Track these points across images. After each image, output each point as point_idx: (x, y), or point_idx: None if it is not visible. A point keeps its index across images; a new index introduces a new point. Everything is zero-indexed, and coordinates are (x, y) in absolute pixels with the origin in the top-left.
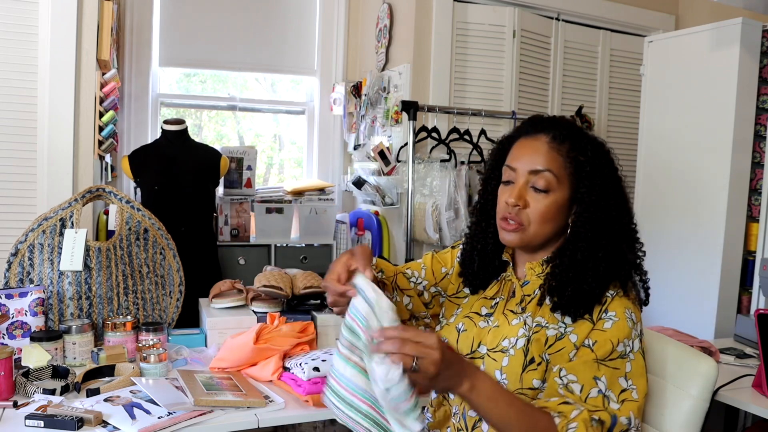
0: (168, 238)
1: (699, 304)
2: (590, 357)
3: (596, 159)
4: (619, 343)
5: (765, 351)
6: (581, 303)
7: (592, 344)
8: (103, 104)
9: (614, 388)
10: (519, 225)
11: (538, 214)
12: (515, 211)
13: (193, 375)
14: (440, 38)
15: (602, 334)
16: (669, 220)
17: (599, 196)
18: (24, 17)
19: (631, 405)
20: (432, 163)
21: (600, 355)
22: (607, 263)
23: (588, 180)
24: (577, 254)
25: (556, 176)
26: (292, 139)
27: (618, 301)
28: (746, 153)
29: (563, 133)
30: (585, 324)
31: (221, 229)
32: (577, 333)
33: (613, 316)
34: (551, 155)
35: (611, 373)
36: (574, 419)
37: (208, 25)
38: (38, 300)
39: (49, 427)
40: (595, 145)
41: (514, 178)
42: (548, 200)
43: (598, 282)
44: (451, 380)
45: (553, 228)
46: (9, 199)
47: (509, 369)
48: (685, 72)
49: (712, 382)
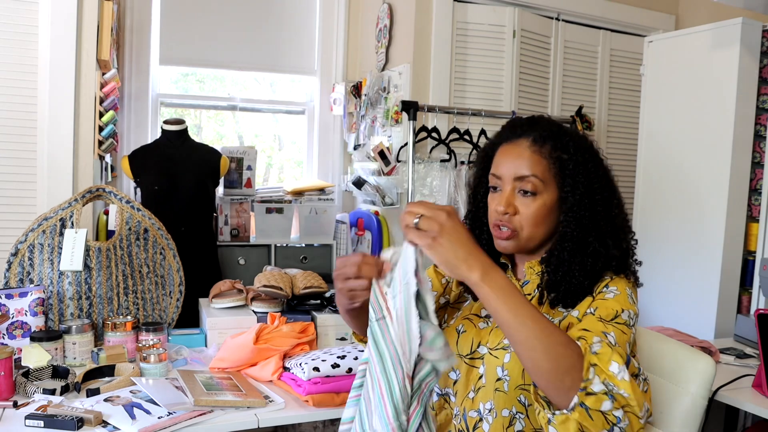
0: (168, 238)
1: (699, 304)
2: (594, 318)
3: (578, 155)
4: (624, 311)
5: (765, 351)
6: (576, 296)
7: (594, 310)
8: (103, 104)
9: (621, 343)
10: (512, 232)
11: (528, 218)
12: (506, 218)
13: (193, 375)
14: (440, 38)
15: (603, 302)
16: (669, 220)
17: (583, 194)
18: (24, 17)
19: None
20: (432, 163)
21: (604, 316)
22: (594, 258)
23: (571, 179)
24: (564, 253)
25: (541, 180)
26: (292, 139)
27: (618, 280)
28: (746, 153)
29: (543, 135)
30: (585, 301)
31: (221, 229)
32: (578, 309)
33: (615, 290)
34: (534, 159)
35: (619, 333)
36: (596, 342)
37: (208, 25)
38: (38, 300)
39: (49, 427)
40: (577, 141)
41: (500, 186)
42: (537, 203)
43: (585, 276)
44: (460, 256)
45: (546, 229)
46: (9, 199)
47: (511, 365)
48: (685, 72)
49: (710, 379)
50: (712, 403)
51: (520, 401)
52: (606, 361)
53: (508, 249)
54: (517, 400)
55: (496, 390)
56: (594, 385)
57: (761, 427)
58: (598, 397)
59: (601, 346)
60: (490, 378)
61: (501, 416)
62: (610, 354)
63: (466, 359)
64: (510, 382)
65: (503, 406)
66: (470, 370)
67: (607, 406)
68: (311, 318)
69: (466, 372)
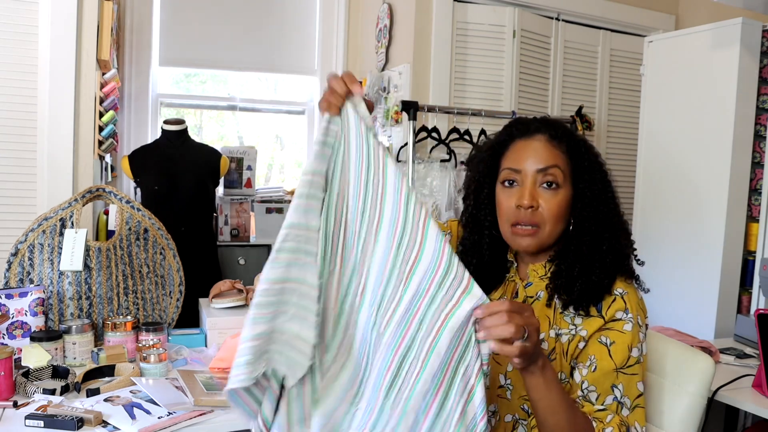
0: (168, 238)
1: (699, 304)
2: (610, 367)
3: (591, 157)
4: (634, 348)
5: (765, 351)
6: (591, 296)
7: (609, 344)
8: (103, 104)
9: (630, 394)
10: (536, 228)
11: (551, 212)
12: (529, 214)
13: (193, 375)
14: (440, 38)
15: (621, 336)
16: (669, 220)
17: (598, 190)
18: (24, 17)
19: (640, 412)
20: (432, 163)
21: (618, 362)
22: (612, 255)
23: (587, 175)
24: (582, 248)
25: (562, 172)
26: (293, 139)
27: (634, 301)
28: (746, 153)
29: (559, 133)
30: (595, 320)
31: (221, 229)
32: (587, 329)
33: (632, 319)
34: (554, 152)
35: (628, 380)
36: (609, 423)
37: (208, 25)
38: (38, 300)
39: (49, 427)
40: (586, 144)
41: (519, 181)
42: (559, 197)
43: (605, 273)
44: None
45: (563, 227)
46: (9, 199)
47: (513, 374)
48: (685, 72)
49: (709, 378)
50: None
51: (523, 409)
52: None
53: (531, 247)
54: (521, 408)
55: (499, 396)
56: None
57: (761, 427)
58: None
59: (612, 430)
60: (494, 383)
61: (504, 421)
62: None
63: None
64: (513, 391)
65: (506, 412)
66: None
67: None
68: None
69: None
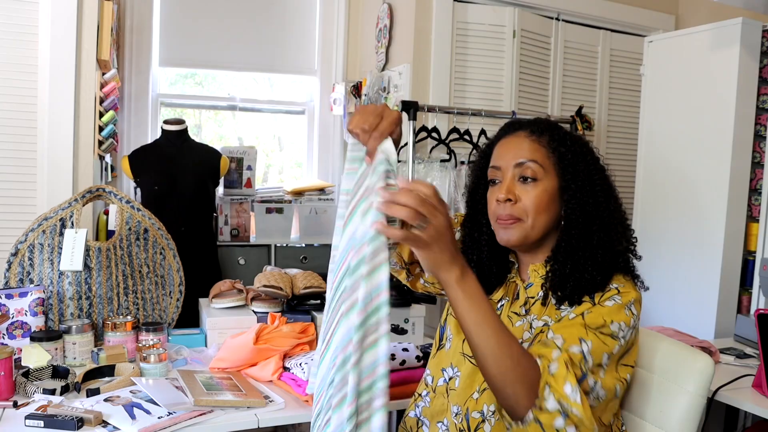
0: (168, 238)
1: (699, 304)
2: (579, 321)
3: (576, 148)
4: (613, 322)
5: (765, 351)
6: (586, 292)
7: (585, 313)
8: (103, 104)
9: (595, 357)
10: (515, 220)
11: (531, 204)
12: (508, 207)
13: (193, 375)
14: (440, 38)
15: (599, 309)
16: (669, 220)
17: (584, 183)
18: (24, 17)
19: (609, 379)
20: (432, 163)
21: (589, 322)
22: (603, 250)
23: (571, 167)
24: (571, 242)
25: (541, 165)
26: (292, 139)
27: (627, 286)
28: (746, 153)
29: (540, 127)
30: (585, 304)
31: (221, 229)
32: (575, 312)
33: (618, 300)
34: (533, 147)
35: (598, 344)
36: (555, 360)
37: (208, 25)
38: (38, 300)
39: (49, 427)
40: (573, 137)
41: (500, 176)
42: (538, 189)
43: (598, 270)
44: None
45: (548, 219)
46: (9, 199)
47: None
48: (685, 72)
49: (708, 377)
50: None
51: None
52: (561, 382)
53: (513, 239)
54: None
55: None
56: (548, 402)
57: (761, 427)
58: (551, 415)
59: (557, 367)
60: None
61: None
62: (565, 375)
63: (472, 359)
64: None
65: None
66: (475, 370)
67: (559, 424)
68: (311, 318)
69: (471, 371)
